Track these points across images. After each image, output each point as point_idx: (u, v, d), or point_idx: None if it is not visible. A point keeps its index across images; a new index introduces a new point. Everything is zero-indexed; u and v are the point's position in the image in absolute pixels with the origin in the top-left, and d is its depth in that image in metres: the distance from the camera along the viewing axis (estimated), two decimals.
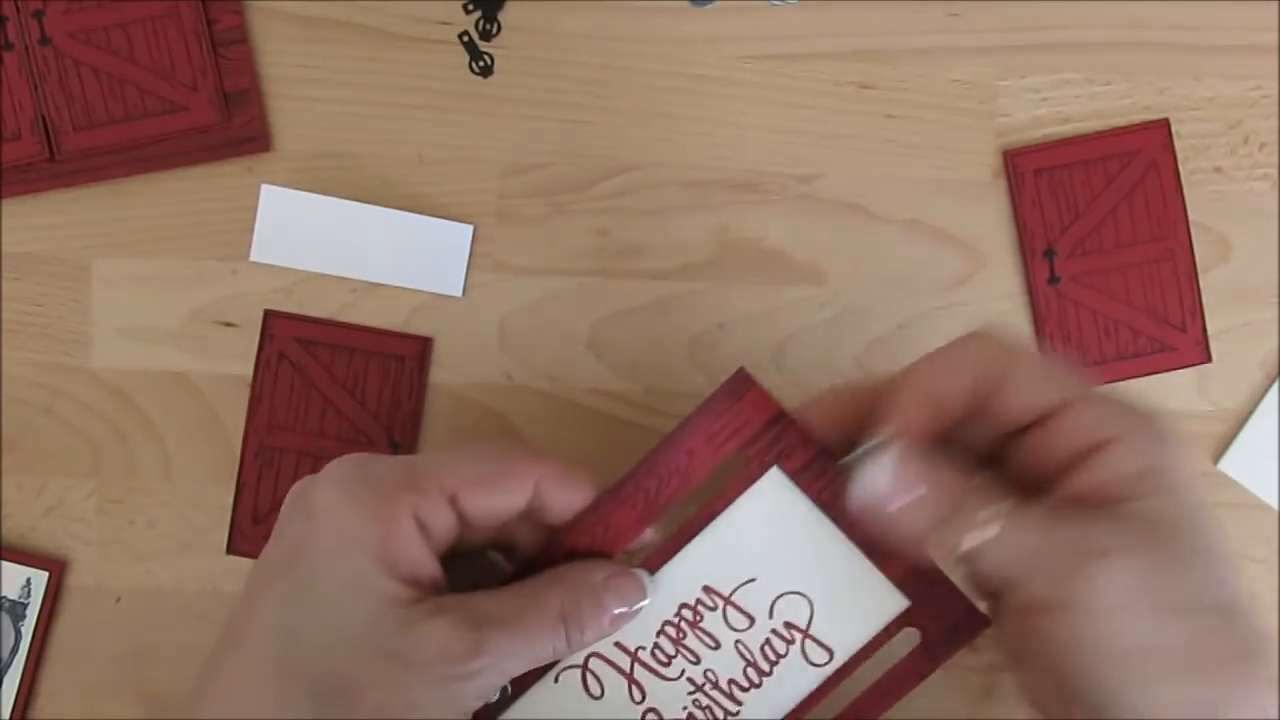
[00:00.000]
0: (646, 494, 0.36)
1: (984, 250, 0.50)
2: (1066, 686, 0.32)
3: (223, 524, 0.49)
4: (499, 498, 0.34)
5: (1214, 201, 0.49)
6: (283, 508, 0.35)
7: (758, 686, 0.37)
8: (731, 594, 0.37)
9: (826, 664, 0.37)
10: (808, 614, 0.37)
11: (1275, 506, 0.49)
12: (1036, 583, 0.32)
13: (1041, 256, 0.49)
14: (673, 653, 0.37)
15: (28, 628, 0.49)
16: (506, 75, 0.49)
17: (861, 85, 0.49)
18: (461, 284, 0.49)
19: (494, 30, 0.49)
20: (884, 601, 0.36)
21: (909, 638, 0.37)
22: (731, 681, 0.37)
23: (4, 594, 0.49)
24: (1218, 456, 0.50)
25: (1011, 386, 0.33)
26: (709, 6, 0.49)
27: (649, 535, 0.36)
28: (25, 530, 0.49)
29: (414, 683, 0.32)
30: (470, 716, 0.34)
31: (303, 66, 0.49)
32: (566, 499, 0.35)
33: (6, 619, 0.49)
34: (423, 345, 0.49)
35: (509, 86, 0.49)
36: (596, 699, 0.37)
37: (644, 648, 0.37)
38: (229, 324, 0.49)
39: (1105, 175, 0.49)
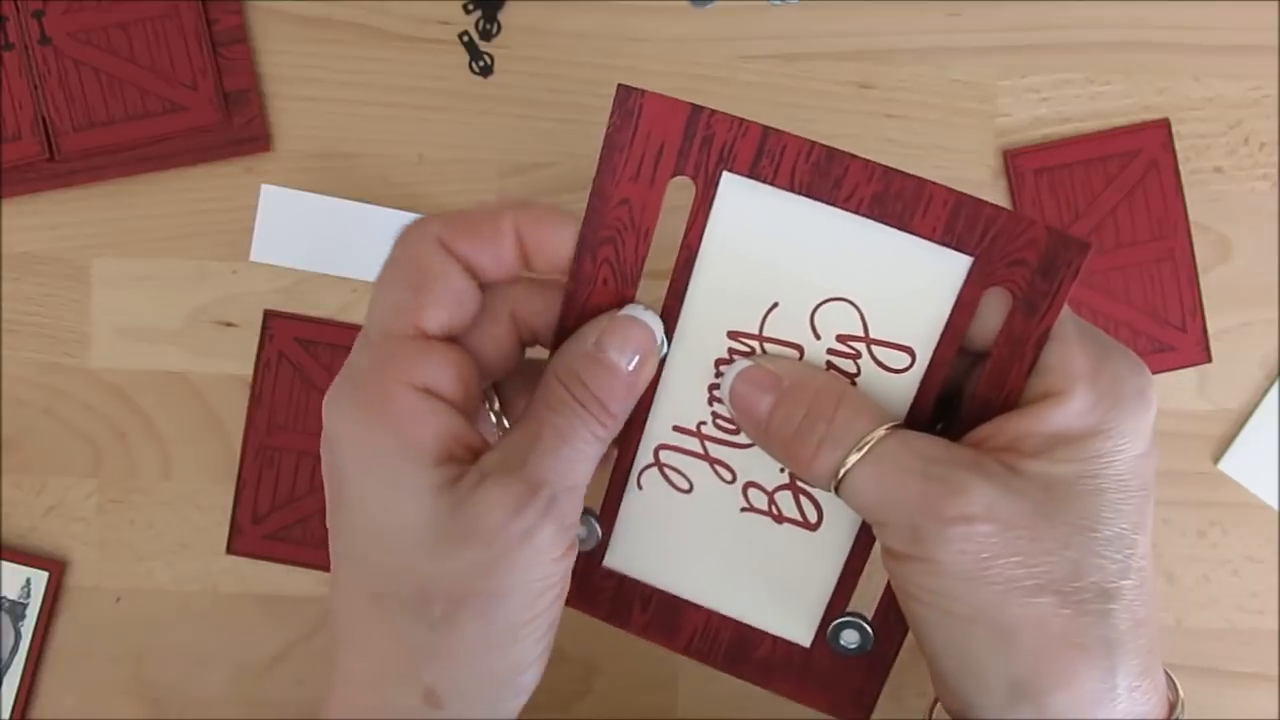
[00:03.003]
0: (611, 264, 0.31)
1: None
2: (914, 631, 0.32)
3: (223, 524, 0.49)
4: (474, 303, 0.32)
5: (1214, 201, 0.49)
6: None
7: None
8: (761, 330, 0.31)
9: (911, 365, 0.31)
10: (858, 318, 0.30)
11: (1275, 506, 0.49)
12: (895, 530, 0.30)
13: None
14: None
15: (28, 628, 0.49)
16: (506, 75, 0.49)
17: (861, 85, 0.49)
18: None
19: (494, 30, 0.49)
20: (938, 268, 0.29)
21: (999, 300, 0.30)
22: None
23: (4, 594, 0.49)
24: (1218, 456, 0.50)
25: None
26: (709, 6, 0.49)
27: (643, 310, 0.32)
28: (25, 530, 0.49)
29: (497, 555, 0.30)
30: (575, 546, 0.32)
31: (303, 66, 0.49)
32: (551, 236, 0.32)
33: (6, 619, 0.49)
34: None
35: (509, 86, 0.49)
36: (688, 492, 0.33)
37: (704, 422, 0.32)
38: (229, 324, 0.49)
39: (1105, 175, 0.49)
